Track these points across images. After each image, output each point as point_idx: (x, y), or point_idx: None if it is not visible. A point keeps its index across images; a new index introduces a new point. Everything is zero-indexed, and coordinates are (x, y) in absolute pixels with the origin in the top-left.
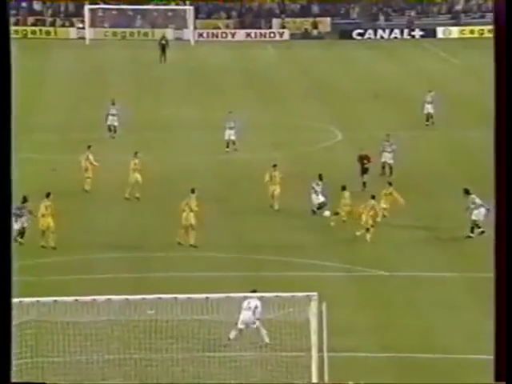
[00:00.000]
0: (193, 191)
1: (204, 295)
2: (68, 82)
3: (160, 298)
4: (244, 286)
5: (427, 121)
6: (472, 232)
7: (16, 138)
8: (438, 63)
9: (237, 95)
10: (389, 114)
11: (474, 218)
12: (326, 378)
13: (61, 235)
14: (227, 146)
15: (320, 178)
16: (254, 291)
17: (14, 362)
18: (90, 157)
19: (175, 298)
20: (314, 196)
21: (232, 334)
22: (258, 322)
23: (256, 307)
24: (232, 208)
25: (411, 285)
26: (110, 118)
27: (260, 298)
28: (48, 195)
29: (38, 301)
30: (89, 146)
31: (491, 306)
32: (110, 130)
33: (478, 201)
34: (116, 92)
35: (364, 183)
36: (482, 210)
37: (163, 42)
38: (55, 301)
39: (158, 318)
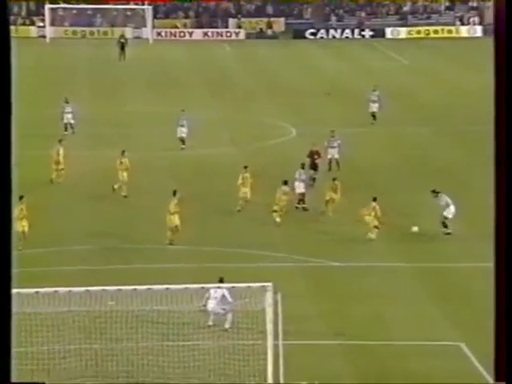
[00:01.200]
0: (174, 193)
1: (164, 286)
2: (28, 79)
3: (120, 290)
4: (202, 278)
5: (374, 119)
6: (445, 227)
7: None
8: (387, 62)
9: (194, 93)
10: (340, 110)
11: (445, 214)
12: (281, 364)
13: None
14: (183, 143)
15: (302, 166)
16: (221, 281)
17: None
18: (61, 151)
19: (135, 289)
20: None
21: (210, 321)
22: (224, 311)
23: (223, 296)
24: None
25: (362, 275)
26: (65, 116)
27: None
28: (21, 198)
29: None
30: (60, 140)
31: (437, 295)
32: (66, 128)
33: (448, 199)
34: (75, 89)
35: (313, 178)
36: (452, 208)
37: (122, 40)
38: (17, 292)
39: (118, 309)
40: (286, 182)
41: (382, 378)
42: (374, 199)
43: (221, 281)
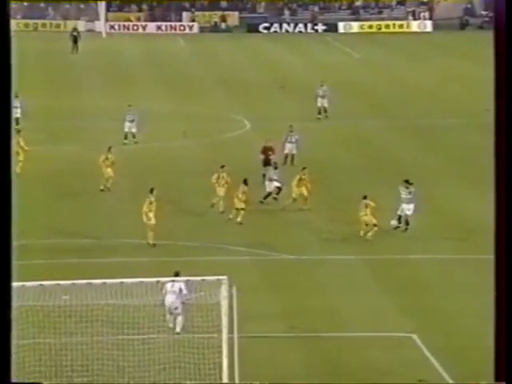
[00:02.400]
0: (151, 191)
1: (119, 280)
2: None
3: (74, 284)
4: (158, 271)
5: (319, 114)
6: (399, 222)
7: None
8: (339, 56)
9: (147, 86)
10: (294, 104)
11: (406, 212)
12: (236, 358)
13: None
14: (125, 138)
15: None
16: (177, 274)
17: None
18: (21, 142)
19: (89, 283)
20: (267, 183)
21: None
22: (179, 308)
23: (180, 289)
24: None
25: (316, 268)
26: (14, 110)
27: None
28: None
29: None
30: (18, 131)
31: (390, 287)
32: (16, 122)
33: (412, 195)
34: (26, 83)
35: (264, 175)
36: (412, 205)
37: (75, 33)
38: None
39: (72, 303)
40: (245, 181)
41: (336, 370)
42: (365, 197)
43: (176, 275)
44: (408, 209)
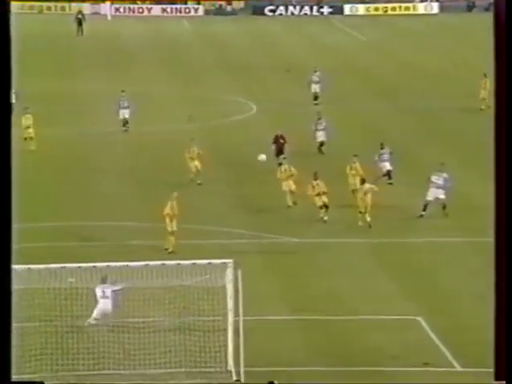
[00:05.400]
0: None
1: (124, 263)
2: None
3: (79, 267)
4: (160, 254)
5: (315, 100)
6: (425, 210)
7: None
8: (345, 39)
9: (152, 69)
10: (299, 87)
11: (440, 196)
12: (241, 341)
13: None
14: (127, 124)
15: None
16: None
17: None
18: (31, 120)
19: (94, 266)
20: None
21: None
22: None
23: (113, 291)
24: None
25: (320, 251)
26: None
27: (180, 265)
28: None
29: None
30: (25, 108)
31: (395, 270)
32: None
33: (443, 181)
34: (30, 66)
35: (280, 164)
36: (444, 190)
37: (80, 16)
38: None
39: (78, 286)
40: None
41: (341, 354)
42: (363, 181)
43: (104, 280)
44: (441, 193)
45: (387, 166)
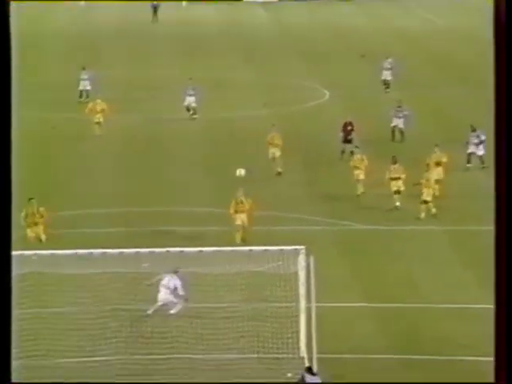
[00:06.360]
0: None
1: (197, 248)
2: (60, 44)
3: (153, 252)
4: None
5: (386, 87)
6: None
7: None
8: (421, 23)
9: (226, 56)
10: (374, 72)
11: (478, 153)
12: (314, 327)
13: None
14: (188, 110)
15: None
16: (176, 272)
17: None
18: (102, 105)
19: (168, 251)
20: None
21: (151, 309)
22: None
23: (175, 288)
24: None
25: (394, 238)
26: (82, 82)
27: (249, 252)
28: None
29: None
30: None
31: (470, 258)
32: (80, 95)
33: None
34: (106, 53)
35: (351, 152)
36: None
37: (155, 3)
38: (52, 254)
39: (152, 271)
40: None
41: (412, 341)
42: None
43: (176, 272)
44: (479, 149)
45: (479, 150)
